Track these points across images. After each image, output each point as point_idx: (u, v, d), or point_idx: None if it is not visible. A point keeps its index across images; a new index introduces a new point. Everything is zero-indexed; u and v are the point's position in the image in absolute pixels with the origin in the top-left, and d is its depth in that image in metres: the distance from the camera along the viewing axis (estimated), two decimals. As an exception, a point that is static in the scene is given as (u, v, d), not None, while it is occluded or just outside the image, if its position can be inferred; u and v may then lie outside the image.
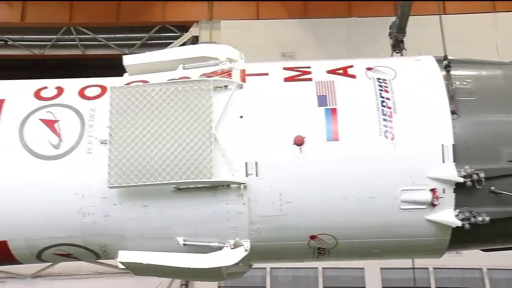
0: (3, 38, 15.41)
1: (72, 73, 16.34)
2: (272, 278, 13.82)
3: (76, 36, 15.58)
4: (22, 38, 15.54)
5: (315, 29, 15.62)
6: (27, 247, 4.69)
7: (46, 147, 4.57)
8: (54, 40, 15.60)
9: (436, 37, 11.61)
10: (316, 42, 15.45)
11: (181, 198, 4.52)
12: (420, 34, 12.05)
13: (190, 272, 4.61)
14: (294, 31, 15.62)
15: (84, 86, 4.87)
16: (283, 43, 15.41)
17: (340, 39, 15.34)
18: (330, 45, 15.10)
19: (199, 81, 4.61)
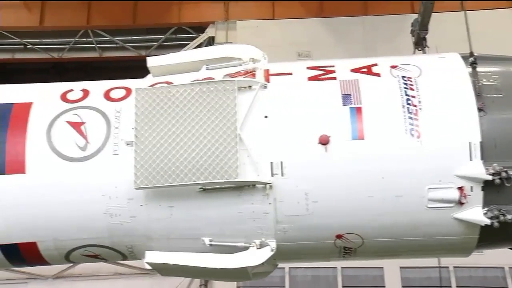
0: (23, 42, 15.58)
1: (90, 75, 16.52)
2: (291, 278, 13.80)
3: (94, 38, 15.72)
4: (41, 41, 15.72)
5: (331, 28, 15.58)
6: (56, 248, 4.74)
7: (73, 149, 4.60)
8: (72, 43, 15.76)
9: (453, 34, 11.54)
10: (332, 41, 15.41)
11: (207, 198, 4.53)
12: (437, 31, 11.97)
13: (216, 272, 4.62)
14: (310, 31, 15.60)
15: (109, 88, 4.90)
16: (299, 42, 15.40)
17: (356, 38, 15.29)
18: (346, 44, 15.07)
19: (223, 81, 4.61)
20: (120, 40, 15.90)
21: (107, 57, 16.21)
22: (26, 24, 15.01)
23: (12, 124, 4.66)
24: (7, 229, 4.60)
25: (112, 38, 15.80)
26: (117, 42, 15.92)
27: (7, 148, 4.57)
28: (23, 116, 4.69)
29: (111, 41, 15.93)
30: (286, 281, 13.67)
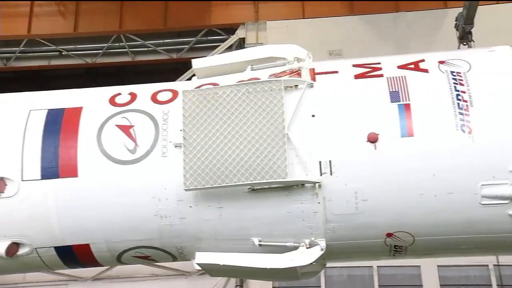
0: (58, 49, 15.84)
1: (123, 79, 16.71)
2: (327, 277, 13.73)
3: (126, 43, 15.88)
4: (75, 48, 15.94)
5: (362, 25, 15.46)
6: (108, 250, 4.80)
7: (123, 152, 4.66)
8: (105, 48, 15.94)
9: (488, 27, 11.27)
10: (363, 38, 15.28)
11: (255, 198, 4.54)
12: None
13: (265, 272, 4.63)
14: (341, 29, 15.50)
15: (156, 91, 4.95)
16: (330, 41, 15.31)
17: (388, 35, 15.13)
18: (378, 41, 14.94)
19: (269, 81, 4.62)
20: (152, 44, 16.03)
21: (140, 61, 16.35)
22: (61, 31, 15.25)
23: (64, 129, 4.74)
24: (61, 231, 4.69)
25: (144, 42, 15.94)
26: (149, 46, 16.05)
27: (60, 152, 4.66)
28: (74, 121, 4.78)
29: (143, 45, 16.07)
30: (321, 280, 13.60)
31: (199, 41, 16.17)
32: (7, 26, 15.13)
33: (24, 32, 15.12)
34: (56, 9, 15.33)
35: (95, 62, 16.17)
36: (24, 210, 4.62)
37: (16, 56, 15.97)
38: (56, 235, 4.70)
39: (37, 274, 14.02)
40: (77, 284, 14.49)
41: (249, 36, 15.64)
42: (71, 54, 15.99)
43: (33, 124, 4.77)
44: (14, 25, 15.13)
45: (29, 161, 4.64)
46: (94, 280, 14.51)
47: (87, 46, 15.97)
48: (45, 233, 4.69)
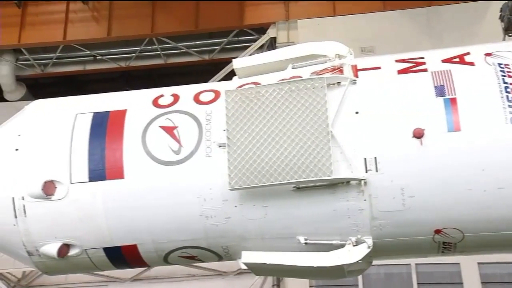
0: (92, 54, 16.10)
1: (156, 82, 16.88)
2: (364, 276, 13.59)
3: (158, 46, 16.04)
4: (109, 52, 16.17)
5: (394, 21, 15.29)
6: (155, 250, 4.85)
7: (168, 153, 4.70)
8: (138, 51, 16.14)
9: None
10: (396, 34, 15.11)
11: (300, 197, 4.53)
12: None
13: (312, 271, 4.61)
14: (373, 25, 15.36)
15: (198, 92, 4.98)
16: (362, 38, 15.17)
17: (421, 30, 14.94)
18: (411, 36, 14.74)
19: (312, 79, 4.59)
20: (184, 46, 16.15)
21: (172, 63, 16.50)
22: (95, 36, 15.49)
23: (109, 131, 4.81)
24: (109, 232, 4.76)
25: (176, 44, 16.07)
26: (181, 48, 16.18)
27: (106, 154, 4.72)
28: (119, 123, 4.84)
29: (175, 47, 16.21)
30: (359, 279, 13.49)
31: (231, 42, 16.23)
32: (44, 33, 15.46)
33: (60, 39, 15.42)
34: (90, 15, 15.58)
35: (128, 65, 16.39)
36: (74, 212, 4.71)
37: (53, 62, 16.29)
38: (104, 236, 4.77)
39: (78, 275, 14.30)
40: (117, 285, 14.71)
41: (280, 35, 15.63)
42: (105, 59, 16.23)
43: (80, 128, 4.85)
44: (51, 32, 15.44)
45: (77, 163, 4.72)
46: (133, 281, 14.71)
47: (120, 50, 16.19)
48: (94, 234, 4.76)
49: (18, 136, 4.89)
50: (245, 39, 16.18)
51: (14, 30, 15.27)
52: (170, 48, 16.26)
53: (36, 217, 4.72)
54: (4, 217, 4.74)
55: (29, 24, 15.42)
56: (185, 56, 16.47)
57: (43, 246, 4.79)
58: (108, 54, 16.18)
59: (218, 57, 16.40)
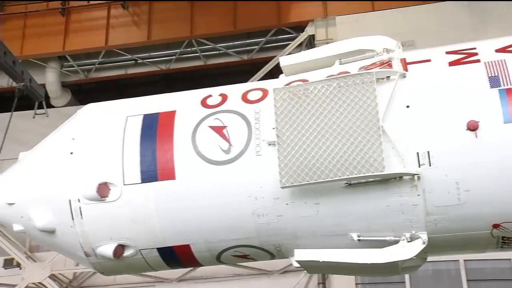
0: (133, 58, 16.34)
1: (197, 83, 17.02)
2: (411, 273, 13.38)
3: (198, 48, 16.16)
4: (150, 55, 16.37)
5: (434, 14, 15.00)
6: (208, 250, 4.89)
7: (218, 153, 4.73)
8: (178, 54, 16.28)
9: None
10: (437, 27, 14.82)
11: (352, 193, 4.49)
12: None
13: (365, 268, 4.56)
14: (413, 19, 15.10)
15: (246, 91, 4.99)
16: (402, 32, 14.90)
17: (463, 22, 14.61)
18: (452, 29, 14.42)
19: (361, 74, 4.55)
20: (223, 47, 16.23)
21: (211, 64, 16.59)
22: (136, 40, 15.70)
23: (160, 133, 4.87)
24: (162, 233, 4.82)
25: (215, 45, 16.17)
26: (220, 49, 16.27)
27: (157, 156, 4.78)
28: (169, 124, 4.90)
29: (214, 49, 16.31)
30: (406, 276, 13.28)
31: (269, 41, 16.22)
32: (87, 39, 15.78)
33: (102, 44, 15.70)
34: (130, 19, 15.82)
35: (169, 68, 16.56)
36: (127, 213, 4.79)
37: (96, 67, 16.62)
38: (157, 237, 4.83)
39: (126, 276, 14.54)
40: (164, 285, 14.90)
41: (319, 33, 15.54)
42: (146, 62, 16.46)
43: (131, 130, 4.93)
44: (93, 38, 15.75)
45: (129, 165, 4.80)
46: (179, 281, 14.87)
47: (160, 53, 16.38)
48: (148, 235, 4.83)
49: (72, 140, 5.00)
50: (283, 38, 16.15)
51: (59, 38, 15.63)
52: (209, 49, 16.36)
53: (91, 219, 4.82)
54: (62, 219, 4.86)
55: (73, 31, 15.76)
56: (224, 56, 16.54)
57: (99, 247, 4.89)
58: (148, 57, 16.40)
59: (256, 57, 16.42)
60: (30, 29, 14.94)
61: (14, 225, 5.12)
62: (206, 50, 16.34)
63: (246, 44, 16.39)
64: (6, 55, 7.70)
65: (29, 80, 8.14)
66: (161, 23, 15.71)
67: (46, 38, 15.42)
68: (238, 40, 16.30)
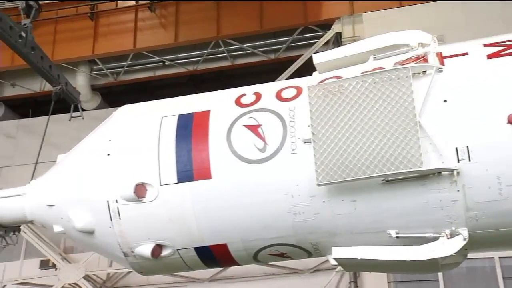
0: (161, 60, 16.47)
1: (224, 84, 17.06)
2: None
3: (225, 48, 16.21)
4: (177, 57, 16.49)
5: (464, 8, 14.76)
6: (245, 249, 4.89)
7: (253, 151, 4.72)
8: (205, 54, 16.37)
9: None
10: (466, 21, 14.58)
11: (390, 190, 4.44)
12: None
13: (404, 265, 4.51)
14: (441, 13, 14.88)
15: (280, 89, 4.98)
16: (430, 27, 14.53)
17: (494, 16, 14.34)
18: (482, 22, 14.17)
19: (396, 69, 4.50)
20: (249, 47, 16.26)
21: (239, 64, 16.63)
22: (163, 42, 15.83)
23: (195, 133, 4.89)
24: (199, 232, 4.83)
25: (241, 45, 16.20)
26: (247, 49, 16.30)
27: (193, 155, 4.80)
28: (204, 124, 4.91)
29: (241, 49, 16.35)
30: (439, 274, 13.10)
31: (295, 40, 16.18)
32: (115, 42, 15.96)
33: (130, 47, 15.87)
34: (157, 22, 15.95)
35: (196, 69, 16.65)
36: (164, 213, 4.82)
37: (124, 70, 16.81)
38: (195, 236, 4.85)
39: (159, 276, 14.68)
40: (195, 285, 14.99)
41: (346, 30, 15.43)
42: (174, 64, 16.58)
43: (166, 130, 4.96)
44: (121, 41, 15.92)
45: (165, 166, 4.83)
46: (210, 281, 14.94)
47: (188, 54, 16.49)
48: (185, 235, 4.86)
49: (109, 142, 5.06)
50: (310, 36, 16.09)
51: (88, 41, 15.86)
52: (236, 49, 16.40)
53: (129, 219, 4.86)
54: (100, 220, 4.92)
55: (102, 35, 15.96)
56: (251, 56, 16.56)
57: (137, 247, 4.93)
58: (176, 59, 16.52)
59: (283, 56, 16.40)
60: (61, 34, 15.19)
61: (54, 226, 5.21)
62: (233, 50, 16.39)
63: (273, 43, 16.38)
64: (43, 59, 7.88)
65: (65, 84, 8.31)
66: (188, 24, 15.80)
67: (76, 42, 15.66)
68: (265, 39, 16.30)
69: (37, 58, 7.66)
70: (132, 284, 15.11)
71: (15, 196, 5.45)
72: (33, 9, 7.21)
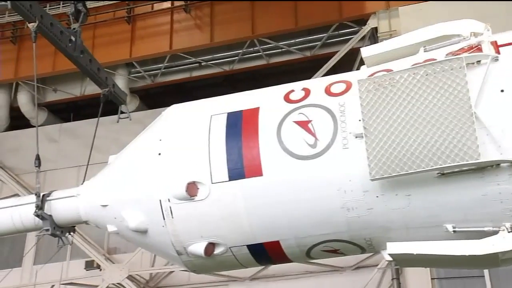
0: (197, 61, 16.58)
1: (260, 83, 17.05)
2: (490, 267, 12.85)
3: (260, 47, 16.21)
4: (213, 57, 16.56)
5: (503, -2, 14.41)
6: (298, 246, 4.87)
7: (304, 147, 4.69)
8: (241, 54, 16.40)
9: None
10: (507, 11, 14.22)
11: (446, 183, 4.35)
12: None
13: (462, 260, 4.41)
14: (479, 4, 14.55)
15: (329, 84, 4.94)
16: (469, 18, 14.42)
17: (535, 3, 13.95)
18: (524, 11, 13.81)
19: (449, 60, 4.40)
20: (285, 45, 16.21)
21: (274, 62, 16.60)
22: (199, 43, 15.91)
23: (244, 130, 4.89)
24: (251, 229, 4.83)
25: (276, 44, 16.17)
26: (282, 47, 16.26)
27: (243, 153, 4.80)
28: (253, 121, 4.90)
29: (276, 47, 16.32)
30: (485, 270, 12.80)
31: (331, 36, 16.07)
32: (152, 45, 16.13)
33: (166, 49, 16.00)
34: (193, 23, 16.05)
35: (232, 69, 16.70)
36: (216, 211, 4.83)
37: (161, 72, 16.98)
38: (247, 234, 4.85)
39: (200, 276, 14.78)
40: (237, 284, 15.04)
41: (382, 25, 15.23)
42: (210, 64, 16.66)
43: (216, 128, 4.97)
44: (158, 43, 16.08)
45: (216, 164, 4.84)
46: (251, 280, 14.97)
47: (223, 54, 16.54)
48: (237, 232, 4.86)
49: (160, 141, 5.10)
50: (345, 32, 15.95)
51: (126, 45, 16.06)
52: (272, 48, 16.38)
53: (182, 218, 4.89)
54: (153, 219, 4.96)
55: (139, 38, 16.15)
56: (287, 54, 16.51)
57: (190, 245, 4.95)
58: (212, 59, 16.59)
59: (319, 53, 16.30)
60: (99, 39, 15.44)
61: (108, 226, 5.28)
62: (268, 49, 16.37)
63: (308, 41, 16.29)
64: (92, 62, 8.03)
65: (112, 86, 8.44)
66: (223, 24, 15.86)
67: (114, 46, 15.87)
68: (300, 37, 16.23)
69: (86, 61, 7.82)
70: (174, 284, 15.26)
71: (70, 197, 5.55)
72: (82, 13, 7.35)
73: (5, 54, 16.61)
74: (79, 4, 7.34)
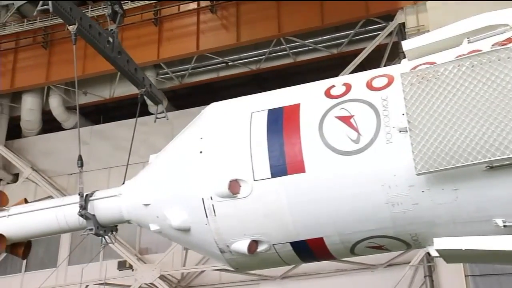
0: (224, 61, 16.61)
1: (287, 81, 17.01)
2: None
3: (286, 45, 16.17)
4: (240, 57, 16.58)
5: (534, -11, 14.11)
6: (341, 242, 4.82)
7: (347, 143, 4.64)
8: (267, 53, 16.38)
9: None
10: (538, 3, 13.93)
11: (495, 176, 4.25)
12: None
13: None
14: (510, -3, 14.29)
15: (370, 78, 4.88)
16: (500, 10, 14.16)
17: None
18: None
19: (496, 50, 4.29)
20: (311, 43, 16.14)
21: (301, 61, 16.55)
22: (225, 43, 15.95)
23: (286, 127, 4.85)
24: (295, 227, 4.79)
25: (303, 42, 16.11)
26: (309, 45, 16.19)
27: (285, 150, 4.76)
28: (294, 118, 4.86)
29: (302, 45, 16.26)
30: (520, 267, 12.54)
31: (358, 33, 15.95)
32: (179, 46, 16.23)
33: (193, 50, 16.08)
34: (219, 23, 16.09)
35: (259, 68, 16.69)
36: (259, 209, 4.80)
37: (189, 72, 17.05)
38: (290, 231, 4.81)
39: (231, 275, 14.81)
40: (268, 283, 15.02)
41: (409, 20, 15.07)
42: (237, 64, 16.67)
43: (257, 126, 4.94)
44: (185, 44, 16.16)
45: (258, 161, 4.81)
46: (282, 278, 14.93)
47: (250, 54, 16.55)
48: (280, 230, 4.82)
49: (201, 140, 5.09)
50: (373, 29, 15.81)
51: (153, 47, 16.18)
52: (298, 46, 16.33)
53: (225, 216, 4.87)
54: (196, 217, 4.95)
55: (166, 40, 16.25)
56: (314, 52, 16.45)
57: (233, 243, 4.93)
58: (239, 59, 16.61)
59: (346, 50, 16.18)
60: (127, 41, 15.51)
61: (150, 225, 5.29)
62: (295, 47, 16.33)
63: (335, 38, 16.20)
64: (129, 63, 8.11)
65: (149, 86, 8.51)
66: (249, 24, 15.86)
67: (141, 48, 15.99)
68: (326, 34, 16.14)
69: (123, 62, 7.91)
70: (205, 283, 15.31)
71: (112, 196, 5.59)
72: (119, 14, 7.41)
73: (37, 59, 16.89)
74: (116, 5, 7.40)
